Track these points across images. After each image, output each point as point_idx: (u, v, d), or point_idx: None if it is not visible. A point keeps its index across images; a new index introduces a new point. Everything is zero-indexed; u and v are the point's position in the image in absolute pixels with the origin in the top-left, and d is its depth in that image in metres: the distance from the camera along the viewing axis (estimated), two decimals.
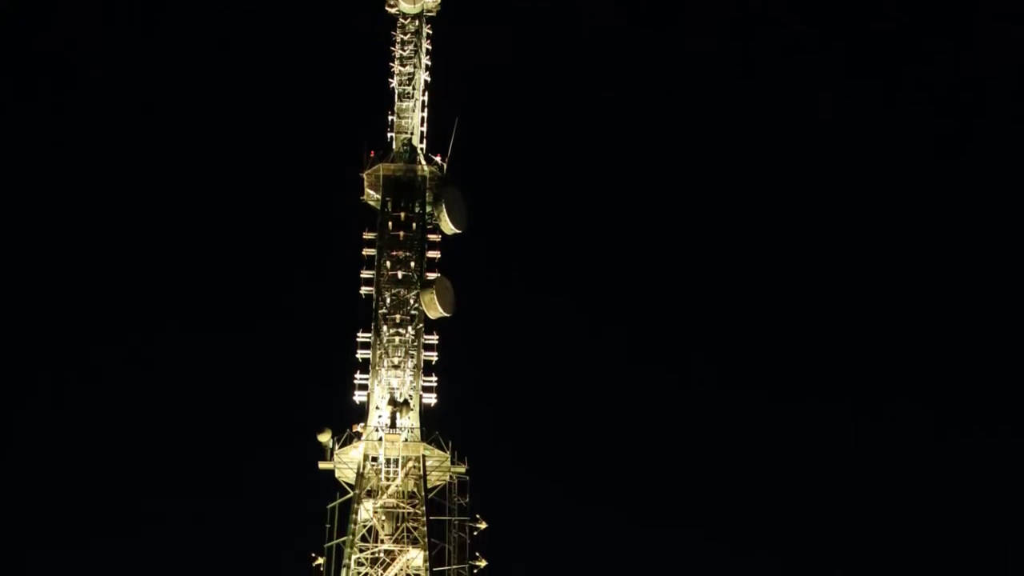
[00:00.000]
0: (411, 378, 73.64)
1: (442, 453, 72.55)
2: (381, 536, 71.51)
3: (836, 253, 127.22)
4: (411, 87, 77.27)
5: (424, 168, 76.71)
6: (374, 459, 72.61)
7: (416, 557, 70.67)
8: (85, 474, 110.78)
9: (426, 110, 77.55)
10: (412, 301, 74.52)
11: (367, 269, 75.38)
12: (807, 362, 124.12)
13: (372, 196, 76.83)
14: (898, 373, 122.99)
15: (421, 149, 77.40)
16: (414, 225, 75.85)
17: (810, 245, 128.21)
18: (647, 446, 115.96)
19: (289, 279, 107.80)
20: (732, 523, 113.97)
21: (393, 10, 77.91)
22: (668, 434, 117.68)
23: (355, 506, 71.33)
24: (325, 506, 71.93)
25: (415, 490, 72.29)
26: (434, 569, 70.32)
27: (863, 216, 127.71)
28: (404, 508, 72.03)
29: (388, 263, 75.08)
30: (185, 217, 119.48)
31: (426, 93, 77.60)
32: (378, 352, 73.77)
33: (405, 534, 71.41)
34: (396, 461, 72.28)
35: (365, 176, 76.78)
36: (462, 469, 72.67)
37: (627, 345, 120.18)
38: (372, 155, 77.05)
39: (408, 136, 77.37)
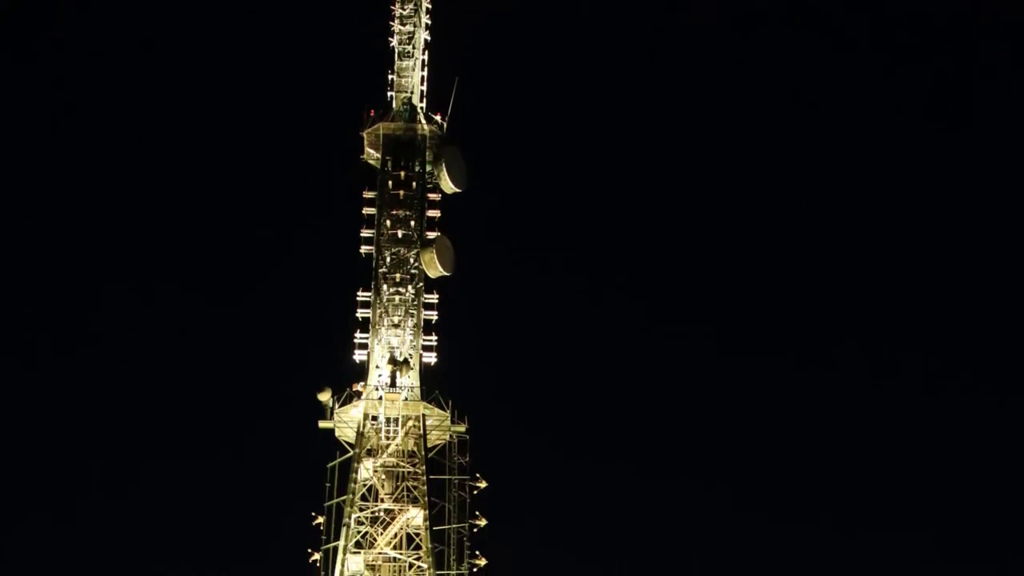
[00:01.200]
0: (411, 337, 73.66)
1: (442, 412, 72.60)
2: (381, 495, 71.60)
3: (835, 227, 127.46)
4: (411, 46, 77.01)
5: (424, 127, 76.56)
6: (374, 418, 72.67)
7: (416, 516, 70.76)
8: (86, 436, 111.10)
9: (426, 69, 77.33)
10: (412, 260, 74.48)
11: (367, 228, 75.31)
12: (806, 319, 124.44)
13: (372, 155, 76.73)
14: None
15: (421, 108, 77.22)
16: (414, 184, 75.75)
17: (809, 214, 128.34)
18: (646, 403, 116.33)
19: (289, 238, 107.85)
20: (731, 477, 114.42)
21: None
22: (668, 391, 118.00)
23: (355, 465, 71.42)
24: (325, 465, 72.15)
25: (415, 449, 72.37)
26: (434, 528, 70.45)
27: (826, 177, 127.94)
28: (404, 467, 72.11)
29: (388, 222, 75.01)
30: (185, 177, 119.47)
31: (426, 52, 77.37)
32: (378, 311, 73.77)
33: (405, 493, 71.49)
34: (396, 420, 72.34)
35: (365, 135, 76.66)
36: (462, 428, 72.76)
37: (627, 303, 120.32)
38: (372, 114, 76.93)
39: (408, 95, 77.17)
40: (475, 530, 70.84)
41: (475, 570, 70.00)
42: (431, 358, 73.74)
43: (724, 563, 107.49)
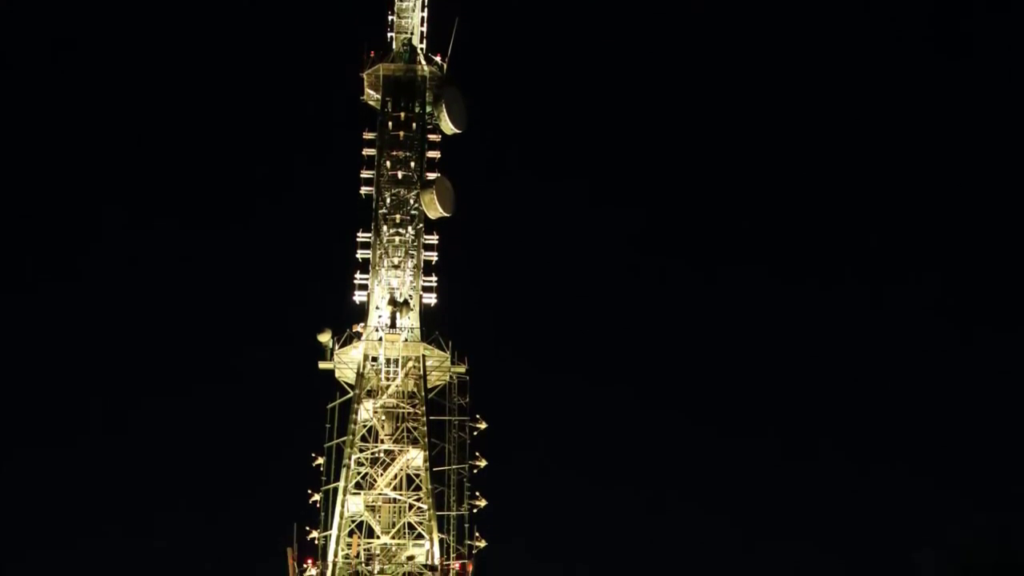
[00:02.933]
0: (411, 278, 73.69)
1: (442, 353, 72.68)
2: (381, 436, 71.72)
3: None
4: None
5: (424, 68, 76.34)
6: (374, 359, 72.77)
7: (416, 457, 70.91)
8: (85, 369, 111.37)
9: (426, 10, 76.92)
10: (412, 201, 74.42)
11: (367, 169, 75.22)
12: (809, 243, 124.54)
13: (372, 96, 76.53)
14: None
15: (421, 49, 76.96)
16: (414, 125, 75.60)
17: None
18: (644, 341, 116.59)
19: (289, 179, 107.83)
20: (732, 406, 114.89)
21: None
22: (668, 327, 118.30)
23: (355, 406, 71.53)
24: (325, 406, 72.30)
25: (415, 390, 72.51)
26: (434, 469, 70.59)
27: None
28: (404, 408, 72.24)
29: (388, 163, 74.92)
30: (187, 114, 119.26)
31: None
32: (378, 252, 73.76)
33: (405, 434, 71.64)
34: (396, 361, 72.44)
35: (365, 76, 76.42)
36: (462, 369, 72.84)
37: (626, 244, 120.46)
38: (372, 55, 76.69)
39: (408, 36, 76.91)
40: (475, 471, 71.05)
41: (475, 511, 70.18)
42: (431, 299, 73.82)
43: (720, 485, 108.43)
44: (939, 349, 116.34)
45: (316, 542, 69.64)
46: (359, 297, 73.52)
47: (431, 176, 75.08)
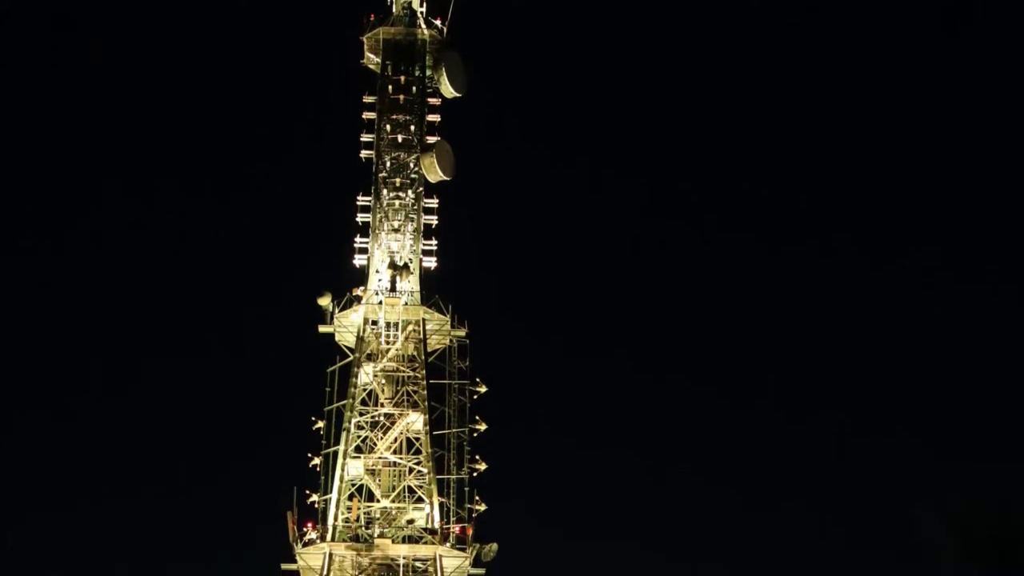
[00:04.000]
0: (411, 241, 73.66)
1: (442, 316, 72.67)
2: (381, 400, 71.77)
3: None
4: None
5: (424, 32, 76.16)
6: (374, 323, 72.74)
7: (416, 420, 70.94)
8: (85, 333, 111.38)
9: None
10: (412, 164, 74.36)
11: (367, 133, 75.13)
12: (808, 211, 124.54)
13: (372, 60, 76.39)
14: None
15: (421, 13, 76.77)
16: (414, 89, 75.51)
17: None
18: (646, 306, 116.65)
19: (289, 144, 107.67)
20: (731, 371, 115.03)
21: None
22: (667, 285, 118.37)
23: (355, 370, 71.56)
24: (325, 370, 72.33)
25: (415, 354, 72.52)
26: (434, 432, 70.66)
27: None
28: (404, 372, 72.27)
29: (388, 127, 74.83)
30: (186, 78, 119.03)
31: None
32: (378, 215, 73.72)
33: (405, 397, 71.67)
34: (396, 325, 72.42)
35: (365, 40, 76.26)
36: (462, 332, 72.83)
37: (627, 202, 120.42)
38: (372, 19, 76.50)
39: (408, 0, 76.77)
40: (475, 434, 71.10)
41: (475, 474, 70.26)
42: (431, 263, 73.82)
43: (720, 450, 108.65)
44: (937, 316, 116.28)
45: (316, 506, 69.82)
46: (359, 261, 73.50)
47: (431, 140, 75.01)
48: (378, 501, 70.46)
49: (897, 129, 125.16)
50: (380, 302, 72.46)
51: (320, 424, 70.71)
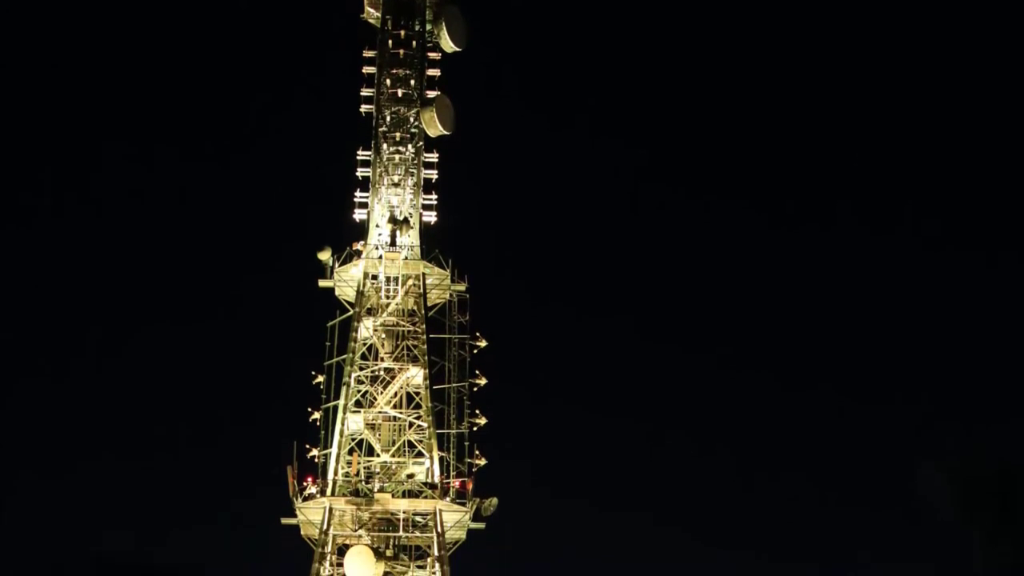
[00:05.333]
0: (411, 196, 73.53)
1: (442, 271, 72.63)
2: (381, 354, 71.75)
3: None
4: None
5: None
6: (374, 277, 72.68)
7: (416, 375, 70.98)
8: (84, 297, 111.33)
9: None
10: (412, 119, 74.16)
11: (367, 87, 74.88)
12: (808, 177, 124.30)
13: (372, 14, 76.02)
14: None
15: None
16: (414, 43, 75.19)
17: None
18: (645, 260, 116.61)
19: (288, 97, 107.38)
20: (731, 337, 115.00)
21: None
22: (668, 250, 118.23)
23: (355, 324, 71.53)
24: (325, 324, 72.28)
25: (415, 308, 72.48)
26: (434, 387, 70.69)
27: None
28: (404, 326, 72.24)
29: (388, 81, 74.56)
30: (184, 31, 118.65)
31: None
32: (378, 170, 73.56)
33: (405, 352, 71.66)
34: (396, 279, 72.38)
35: None
36: (462, 287, 72.79)
37: (628, 163, 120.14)
38: None
39: None
40: (475, 388, 71.11)
41: (475, 429, 70.30)
42: (431, 217, 73.70)
43: (718, 417, 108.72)
44: (938, 282, 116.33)
45: (316, 460, 69.90)
46: (359, 215, 73.38)
47: (431, 94, 74.77)
48: (378, 456, 70.53)
49: (898, 95, 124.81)
50: (380, 256, 72.37)
51: (320, 379, 70.74)
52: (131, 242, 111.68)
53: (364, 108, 74.69)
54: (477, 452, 69.88)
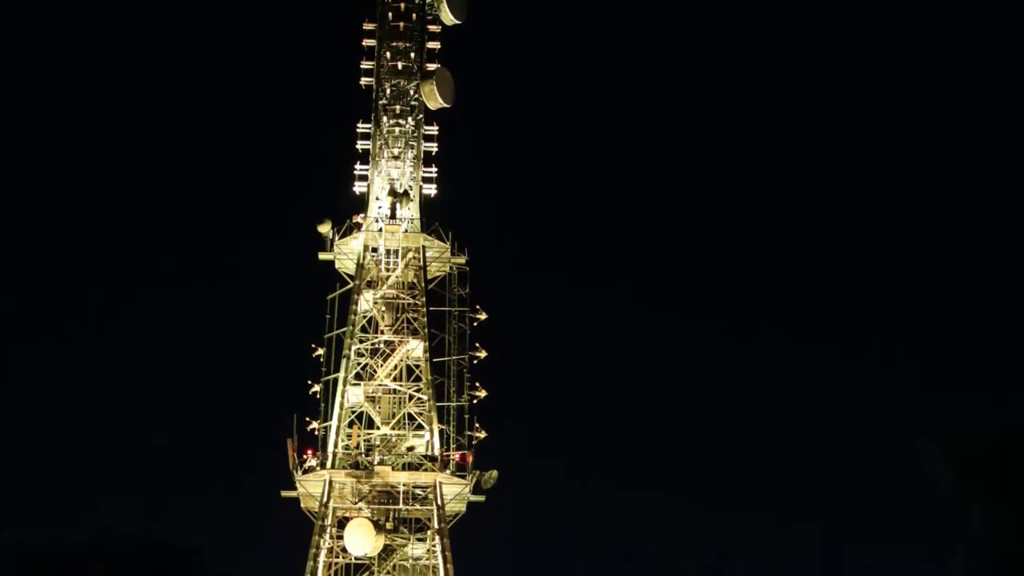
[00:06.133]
0: (411, 169, 73.49)
1: (442, 244, 72.63)
2: (381, 327, 71.77)
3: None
4: None
5: None
6: (374, 250, 72.67)
7: (416, 347, 71.01)
8: (84, 264, 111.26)
9: None
10: (412, 92, 74.05)
11: (367, 60, 74.74)
12: (807, 144, 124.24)
13: None
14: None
15: None
16: (414, 15, 74.96)
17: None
18: (646, 234, 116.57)
19: (287, 70, 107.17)
20: (730, 307, 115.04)
21: None
22: (668, 221, 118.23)
23: (355, 297, 71.56)
24: (325, 297, 72.29)
25: (415, 281, 72.47)
26: (434, 360, 70.75)
27: None
28: (404, 299, 72.25)
29: (388, 54, 74.40)
30: (184, 4, 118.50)
31: None
32: (378, 143, 73.50)
33: (405, 325, 71.68)
34: (396, 252, 72.36)
35: None
36: (462, 260, 72.79)
37: (628, 135, 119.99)
38: None
39: None
40: (475, 361, 71.15)
41: (475, 401, 70.35)
42: (431, 190, 73.67)
43: (720, 388, 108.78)
44: (938, 246, 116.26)
45: (316, 433, 70.00)
46: (359, 188, 73.35)
47: (431, 67, 74.61)
48: (378, 428, 70.61)
49: (896, 57, 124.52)
50: (380, 229, 72.35)
51: (320, 351, 70.79)
52: (130, 208, 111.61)
53: (364, 81, 74.57)
54: (477, 425, 70.09)
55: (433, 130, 74.06)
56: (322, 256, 72.67)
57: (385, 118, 73.80)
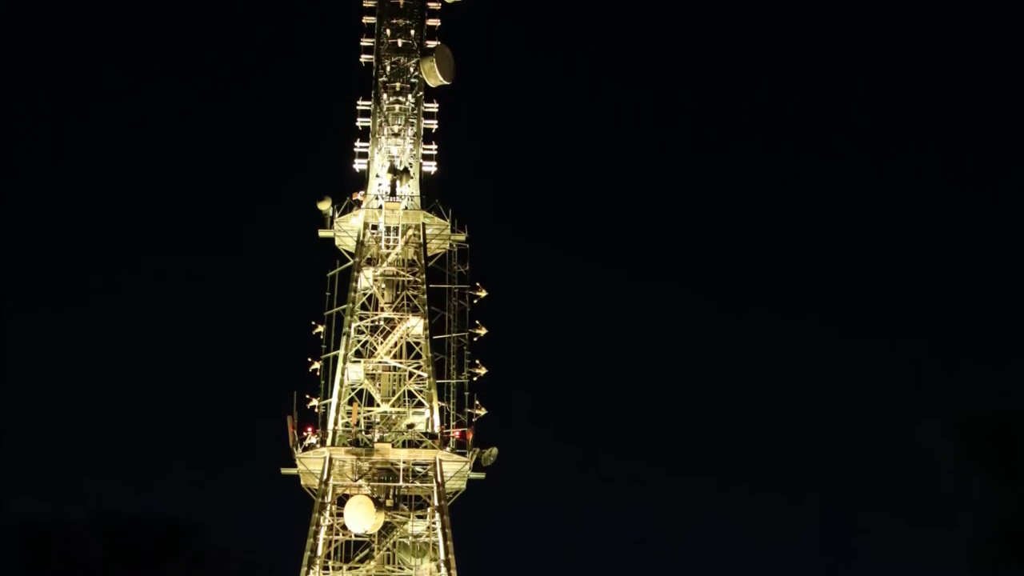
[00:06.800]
0: (411, 146, 73.42)
1: (442, 221, 72.57)
2: (381, 304, 71.74)
3: None
4: None
5: None
6: (374, 227, 72.64)
7: (416, 325, 70.99)
8: (86, 230, 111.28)
9: None
10: (412, 69, 73.95)
11: (367, 37, 74.61)
12: (807, 114, 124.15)
13: None
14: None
15: None
16: None
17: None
18: (647, 208, 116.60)
19: (288, 47, 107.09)
20: (727, 279, 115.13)
21: None
22: (668, 194, 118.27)
23: (355, 274, 71.52)
24: (325, 274, 72.23)
25: (415, 258, 72.46)
26: (434, 337, 70.72)
27: None
28: (404, 276, 72.21)
29: (388, 31, 74.28)
30: None
31: None
32: (378, 120, 73.41)
33: (405, 302, 71.65)
34: (396, 229, 72.33)
35: None
36: (462, 237, 72.76)
37: (628, 109, 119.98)
38: None
39: None
40: (475, 339, 71.17)
41: (475, 379, 70.36)
42: (431, 167, 73.61)
43: (720, 358, 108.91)
44: (938, 217, 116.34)
45: (316, 410, 69.95)
46: (359, 165, 73.30)
47: (431, 44, 74.48)
48: (378, 406, 70.63)
49: (895, 29, 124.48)
50: (380, 206, 72.29)
51: (320, 328, 70.80)
52: (131, 173, 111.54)
53: (364, 58, 74.45)
54: (477, 402, 70.05)
55: (433, 107, 73.96)
56: (322, 233, 72.60)
57: (385, 95, 73.70)
